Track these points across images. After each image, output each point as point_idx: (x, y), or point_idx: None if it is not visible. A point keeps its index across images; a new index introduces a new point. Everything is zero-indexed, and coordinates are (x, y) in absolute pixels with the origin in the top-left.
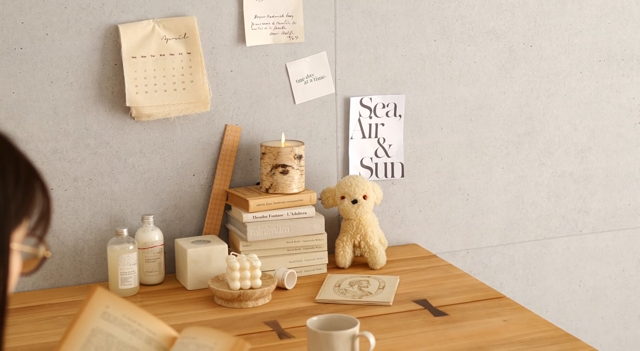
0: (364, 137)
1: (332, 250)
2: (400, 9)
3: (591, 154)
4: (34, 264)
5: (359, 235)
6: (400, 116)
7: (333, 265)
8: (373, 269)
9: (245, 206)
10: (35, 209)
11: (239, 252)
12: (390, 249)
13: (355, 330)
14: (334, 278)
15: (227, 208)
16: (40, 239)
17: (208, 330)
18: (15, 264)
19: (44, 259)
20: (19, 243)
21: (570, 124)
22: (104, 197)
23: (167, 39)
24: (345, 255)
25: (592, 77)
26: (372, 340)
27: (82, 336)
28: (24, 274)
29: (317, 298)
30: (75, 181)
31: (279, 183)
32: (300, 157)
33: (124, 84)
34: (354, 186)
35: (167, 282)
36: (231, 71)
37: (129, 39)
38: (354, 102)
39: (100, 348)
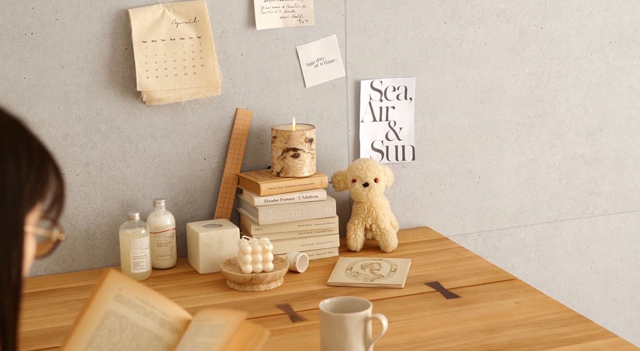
0: (374, 120)
1: (343, 233)
2: None
3: (602, 136)
4: (48, 248)
5: (370, 218)
6: (410, 98)
7: (345, 248)
8: (384, 252)
9: (256, 190)
10: (49, 192)
11: (251, 236)
12: (401, 232)
13: (368, 312)
14: (346, 261)
15: (239, 191)
16: (54, 222)
17: (221, 311)
18: (30, 247)
19: (57, 242)
20: (33, 226)
21: (581, 106)
22: (116, 181)
23: (177, 23)
24: (357, 238)
25: (603, 58)
26: (384, 322)
27: (95, 318)
28: (38, 257)
29: (329, 281)
30: (86, 165)
31: (290, 166)
32: (311, 140)
33: (134, 68)
34: (365, 169)
35: (179, 266)
36: (241, 54)
37: (139, 23)
38: (365, 86)
39: (114, 330)
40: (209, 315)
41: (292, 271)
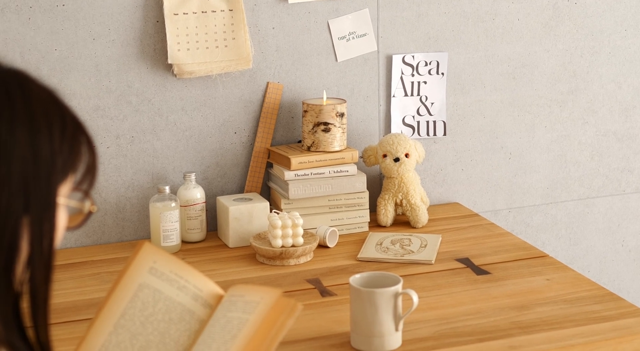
0: (406, 95)
1: (373, 208)
2: None
3: (635, 112)
4: (80, 219)
5: (400, 193)
6: (442, 73)
7: (375, 224)
8: (415, 227)
9: (287, 164)
10: (81, 164)
11: (281, 210)
12: (432, 208)
13: (398, 287)
14: (376, 236)
15: (269, 165)
16: (86, 194)
17: (255, 287)
18: (62, 219)
19: (89, 214)
20: (65, 198)
21: (615, 82)
22: (146, 154)
23: None
24: (387, 213)
25: (637, 34)
26: (415, 298)
27: (129, 291)
28: (69, 228)
29: (358, 256)
30: (117, 138)
31: (320, 140)
32: (342, 115)
33: (165, 41)
34: (396, 144)
35: (208, 240)
36: (273, 28)
37: None
38: (396, 60)
39: (147, 302)
40: (243, 291)
41: (322, 246)
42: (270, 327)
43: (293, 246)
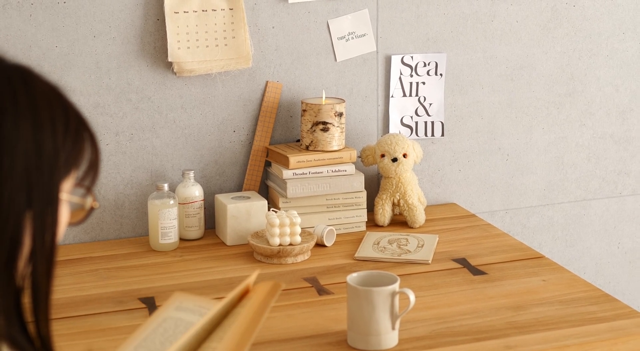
0: (404, 95)
1: (371, 208)
2: None
3: (632, 115)
4: (82, 215)
5: (398, 193)
6: (441, 74)
7: (372, 223)
8: (412, 227)
9: (285, 163)
10: (84, 160)
11: (279, 208)
12: (429, 208)
13: (396, 286)
14: (373, 235)
15: (267, 164)
16: (88, 190)
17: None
18: (64, 214)
19: (91, 210)
20: (68, 193)
21: (612, 85)
22: (145, 152)
23: None
24: (385, 213)
25: (634, 37)
26: (412, 297)
27: (153, 322)
28: (71, 224)
29: (356, 255)
30: (116, 135)
31: (319, 140)
32: (340, 114)
33: (166, 39)
34: (394, 144)
35: (206, 237)
36: (273, 27)
37: None
38: (395, 61)
39: (169, 329)
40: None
41: (320, 245)
42: (257, 308)
43: (291, 244)
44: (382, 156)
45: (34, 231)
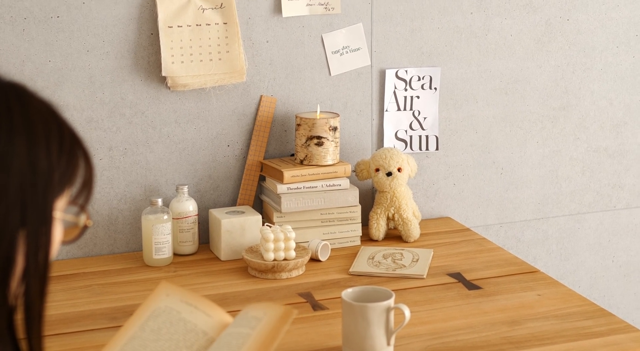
0: (399, 109)
1: (365, 222)
2: None
3: (626, 129)
4: (75, 233)
5: (392, 208)
6: (435, 88)
7: (367, 237)
8: (407, 242)
9: (279, 178)
10: (78, 178)
11: (273, 223)
12: (423, 223)
13: (391, 302)
14: (368, 250)
15: (262, 179)
16: (82, 208)
17: (258, 303)
18: (57, 233)
19: (85, 228)
20: (61, 212)
21: (606, 98)
22: (139, 167)
23: (203, 9)
24: (379, 227)
25: (628, 51)
26: (407, 313)
27: (143, 315)
28: (65, 242)
29: (350, 270)
30: (110, 150)
31: (313, 154)
32: (335, 129)
33: (159, 53)
34: (389, 159)
35: (200, 252)
36: (267, 41)
37: (165, 8)
38: (390, 75)
39: (161, 321)
40: (250, 308)
41: (314, 260)
42: (268, 334)
43: (285, 259)
44: (377, 170)
45: (28, 250)
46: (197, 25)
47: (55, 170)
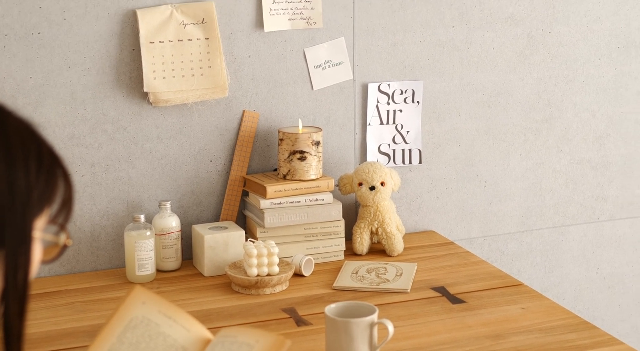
0: (381, 123)
1: (349, 237)
2: None
3: (609, 141)
4: (55, 252)
5: (376, 222)
6: (418, 102)
7: (350, 252)
8: (390, 256)
9: (262, 193)
10: (57, 197)
11: (256, 238)
12: (407, 236)
13: (374, 317)
14: (352, 264)
15: (245, 194)
16: (62, 227)
17: (248, 328)
18: (37, 253)
19: (65, 247)
20: (41, 231)
21: (589, 110)
22: (121, 183)
23: (185, 24)
24: (363, 242)
25: (610, 63)
26: (390, 328)
27: (120, 325)
28: (44, 262)
29: (334, 285)
30: (92, 166)
31: (296, 169)
32: (318, 143)
33: (141, 69)
34: (372, 173)
35: (184, 268)
36: (249, 56)
37: (147, 24)
38: (372, 89)
39: (138, 334)
40: (235, 331)
41: (298, 275)
42: None
43: (268, 275)
44: (360, 184)
45: (6, 270)
46: (178, 40)
47: (34, 189)
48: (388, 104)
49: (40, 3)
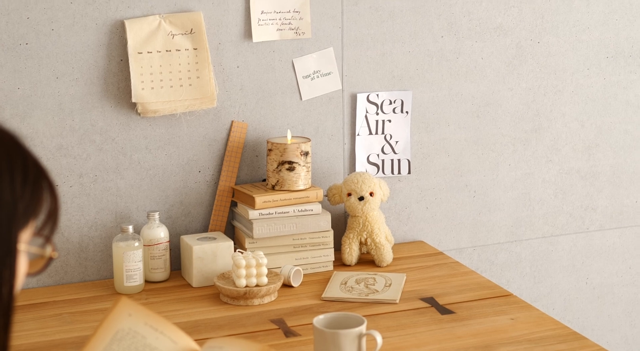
0: (370, 133)
1: (338, 247)
2: (407, 5)
3: (598, 151)
4: (41, 265)
5: (365, 232)
6: (407, 112)
7: (339, 262)
8: (379, 266)
9: (251, 203)
10: (43, 209)
11: (245, 249)
12: (396, 247)
13: (362, 328)
14: (340, 275)
15: (233, 204)
16: (47, 240)
17: (235, 339)
18: (22, 265)
19: (50, 259)
20: (26, 244)
21: (578, 120)
22: (110, 193)
23: (173, 35)
24: (352, 252)
25: (599, 73)
26: (379, 339)
27: (106, 337)
28: (30, 274)
29: (323, 295)
30: (80, 177)
31: (285, 179)
32: (306, 153)
33: (129, 80)
34: (361, 183)
35: (172, 279)
36: (237, 66)
37: (135, 34)
38: (361, 99)
39: (124, 338)
40: (220, 343)
41: (286, 285)
42: None
43: (257, 285)
44: (349, 194)
45: None
46: (167, 51)
47: (19, 202)
48: (377, 114)
49: (28, 14)
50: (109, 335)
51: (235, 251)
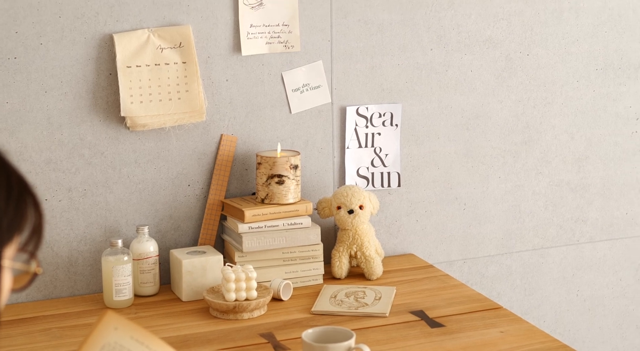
0: (360, 146)
1: (328, 261)
2: (396, 18)
3: (588, 163)
4: (25, 281)
5: (355, 245)
6: (396, 125)
7: (329, 276)
8: (369, 279)
9: (240, 217)
10: (27, 225)
11: (235, 263)
12: (386, 260)
13: (351, 342)
14: (330, 288)
15: (223, 218)
16: (32, 255)
17: None
18: (6, 281)
19: (35, 275)
20: (10, 260)
21: (567, 133)
22: (99, 207)
23: (162, 49)
24: (342, 266)
25: (588, 85)
26: None
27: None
28: (14, 290)
29: (313, 309)
30: (69, 191)
31: (274, 193)
32: (296, 167)
33: (118, 93)
34: (350, 196)
35: (162, 293)
36: (227, 80)
37: (123, 48)
38: (350, 112)
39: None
40: None
41: (276, 299)
42: None
43: (247, 299)
44: (339, 208)
45: None
46: (155, 64)
47: (3, 217)
48: (366, 127)
49: (17, 28)
50: (94, 349)
51: (224, 265)
